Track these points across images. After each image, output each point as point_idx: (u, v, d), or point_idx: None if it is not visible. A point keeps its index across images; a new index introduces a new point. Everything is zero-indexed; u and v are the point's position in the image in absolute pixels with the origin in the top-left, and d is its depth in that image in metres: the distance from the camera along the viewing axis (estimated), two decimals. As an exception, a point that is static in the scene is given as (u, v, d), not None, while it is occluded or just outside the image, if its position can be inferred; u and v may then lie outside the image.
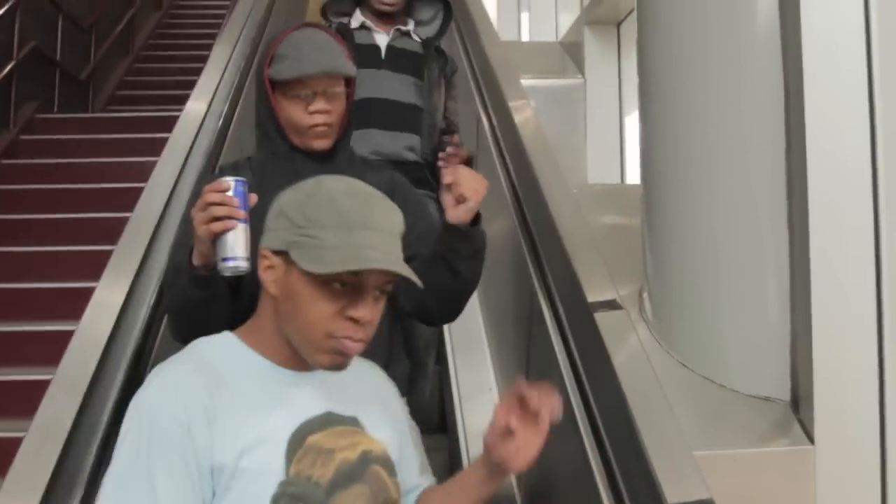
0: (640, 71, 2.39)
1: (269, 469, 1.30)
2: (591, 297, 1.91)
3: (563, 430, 1.52)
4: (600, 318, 1.83)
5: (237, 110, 3.49)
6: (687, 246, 2.17)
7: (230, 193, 1.46)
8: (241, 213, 1.46)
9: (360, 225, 1.31)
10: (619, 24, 4.88)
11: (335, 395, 1.43)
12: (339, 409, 1.42)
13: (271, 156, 1.93)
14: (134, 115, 7.28)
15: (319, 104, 1.85)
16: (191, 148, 2.87)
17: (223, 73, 3.49)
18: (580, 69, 4.93)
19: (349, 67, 1.88)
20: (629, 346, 1.76)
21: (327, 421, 1.39)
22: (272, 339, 1.41)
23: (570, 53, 5.02)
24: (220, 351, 1.41)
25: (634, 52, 2.48)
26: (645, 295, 2.36)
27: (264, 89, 1.89)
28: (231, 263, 1.44)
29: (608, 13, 4.80)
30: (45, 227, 5.17)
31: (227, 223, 1.46)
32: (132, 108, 7.91)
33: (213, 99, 3.29)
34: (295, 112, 1.86)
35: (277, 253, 1.36)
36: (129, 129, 6.49)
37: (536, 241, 2.40)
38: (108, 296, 2.05)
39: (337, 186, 1.36)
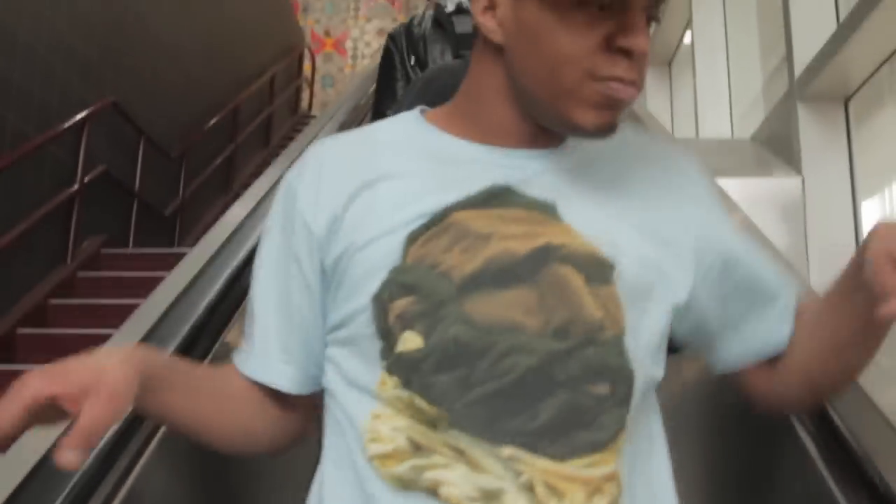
0: None
1: (387, 251, 0.92)
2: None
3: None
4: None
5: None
6: None
7: None
8: None
9: None
10: (847, 100, 3.44)
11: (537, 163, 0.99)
12: (531, 184, 0.96)
13: None
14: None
15: None
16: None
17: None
18: (790, 162, 3.49)
19: None
20: None
21: (497, 197, 0.94)
22: (490, 118, 0.99)
23: (772, 145, 3.62)
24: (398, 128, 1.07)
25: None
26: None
27: None
28: None
29: (832, 86, 3.38)
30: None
31: None
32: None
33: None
34: None
35: None
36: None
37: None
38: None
39: None
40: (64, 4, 5.70)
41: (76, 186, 5.70)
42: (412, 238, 0.94)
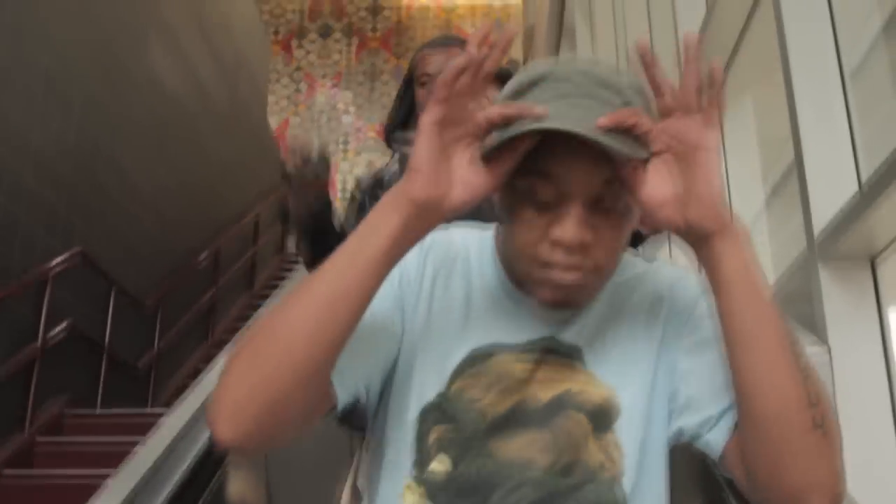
0: None
1: (438, 376, 1.08)
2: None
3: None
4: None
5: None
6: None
7: None
8: None
9: (559, 93, 0.97)
10: (873, 259, 3.10)
11: (571, 318, 1.11)
12: (565, 335, 1.10)
13: None
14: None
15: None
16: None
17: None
18: (813, 329, 3.12)
19: None
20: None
21: (538, 344, 1.10)
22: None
23: (789, 308, 3.27)
24: (480, 247, 1.17)
25: None
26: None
27: None
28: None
29: (856, 245, 3.05)
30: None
31: None
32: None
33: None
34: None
35: None
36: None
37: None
38: None
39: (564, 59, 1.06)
40: (29, 151, 5.44)
41: (38, 344, 5.31)
42: (459, 370, 1.08)
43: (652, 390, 1.10)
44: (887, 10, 3.07)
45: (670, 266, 1.20)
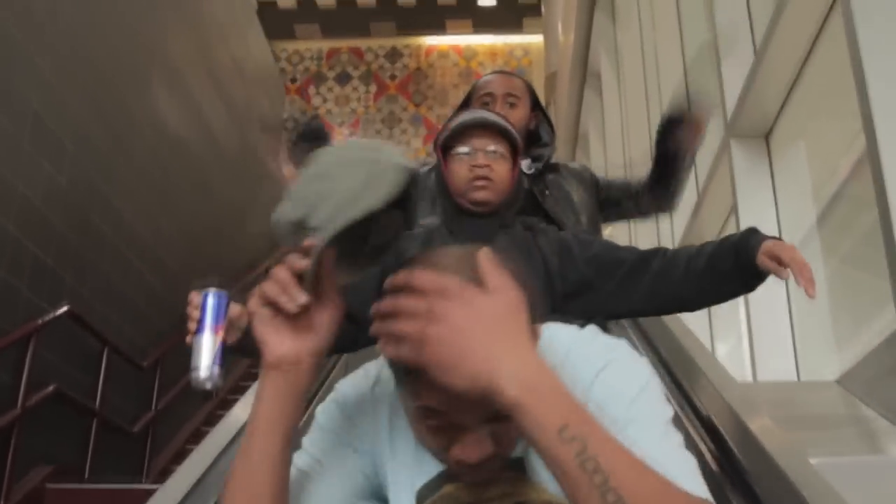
0: None
1: (406, 499, 1.19)
2: None
3: None
4: None
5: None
6: None
7: (197, 309, 1.42)
8: (204, 325, 1.38)
9: None
10: None
11: None
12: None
13: (441, 224, 2.09)
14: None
15: (479, 159, 1.99)
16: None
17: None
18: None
19: (504, 126, 2.01)
20: None
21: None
22: None
23: (873, 395, 2.71)
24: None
25: None
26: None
27: (438, 161, 2.08)
28: (192, 374, 1.38)
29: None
30: None
31: (189, 335, 1.49)
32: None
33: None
34: (458, 169, 2.01)
35: None
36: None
37: None
38: None
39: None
40: (13, 197, 4.98)
41: (18, 410, 4.81)
42: (421, 498, 1.17)
43: None
44: None
45: (597, 343, 1.20)
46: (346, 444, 1.22)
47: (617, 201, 2.80)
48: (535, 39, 16.54)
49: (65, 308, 5.25)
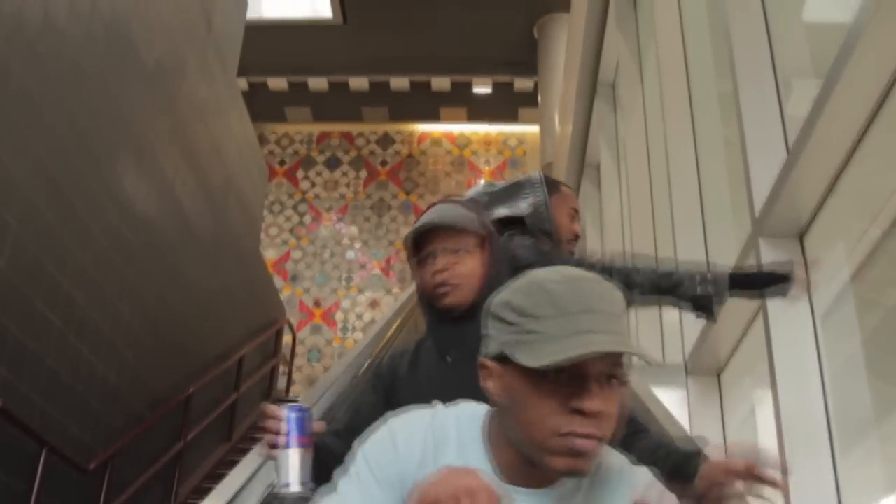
0: None
1: None
2: None
3: None
4: None
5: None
6: None
7: (283, 423, 1.56)
8: (292, 440, 1.55)
9: (579, 309, 1.20)
10: None
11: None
12: None
13: (426, 336, 2.00)
14: None
15: (438, 263, 1.89)
16: None
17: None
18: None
19: (459, 221, 1.90)
20: None
21: None
22: (503, 449, 1.28)
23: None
24: (465, 430, 1.32)
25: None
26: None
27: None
28: (283, 489, 1.50)
29: None
30: None
31: (272, 451, 1.58)
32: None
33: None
34: (423, 275, 1.91)
35: (496, 359, 1.26)
36: None
37: None
38: None
39: (548, 276, 1.26)
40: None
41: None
42: None
43: None
44: None
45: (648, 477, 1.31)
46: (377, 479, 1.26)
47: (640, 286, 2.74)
48: (531, 129, 16.26)
49: (-6, 405, 4.62)
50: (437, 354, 1.91)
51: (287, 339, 11.71)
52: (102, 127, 6.01)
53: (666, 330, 5.83)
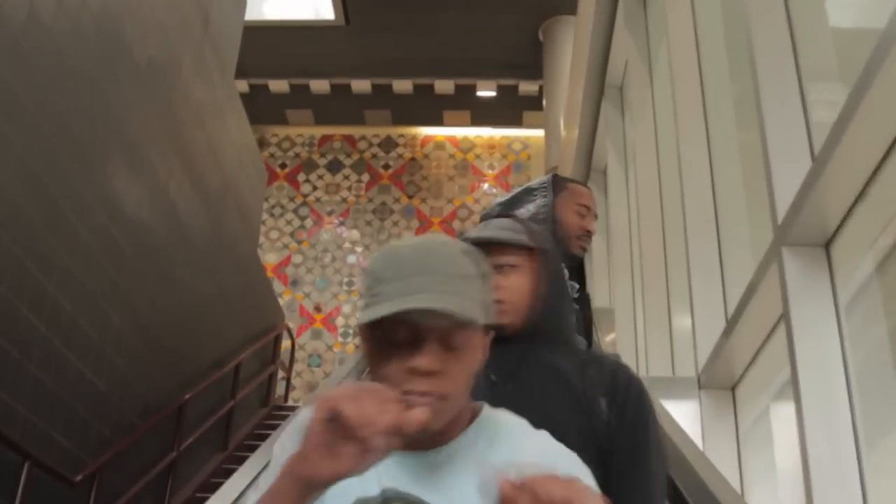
0: None
1: None
2: None
3: None
4: None
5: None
6: None
7: None
8: None
9: (416, 271, 1.25)
10: None
11: (434, 475, 1.30)
12: (427, 493, 1.29)
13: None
14: None
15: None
16: None
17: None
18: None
19: (501, 235, 1.82)
20: None
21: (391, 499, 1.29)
22: None
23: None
24: None
25: None
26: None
27: None
28: None
29: None
30: None
31: None
32: None
33: None
34: None
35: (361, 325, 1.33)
36: None
37: None
38: None
39: (404, 242, 1.33)
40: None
41: None
42: None
43: None
44: None
45: (549, 440, 1.35)
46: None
47: None
48: (536, 133, 16.04)
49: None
50: (486, 376, 1.76)
51: (286, 344, 11.50)
52: (92, 127, 5.80)
53: (677, 341, 5.61)
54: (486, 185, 16.54)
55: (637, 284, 7.21)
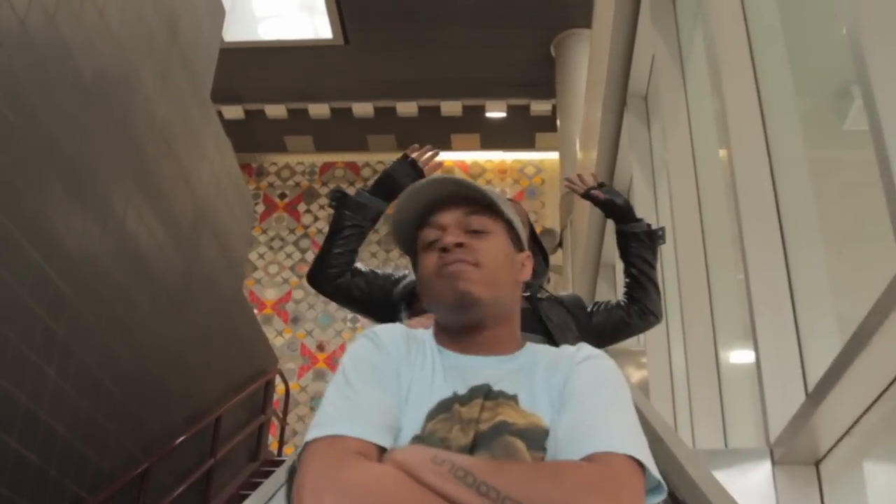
0: None
1: (414, 421, 1.44)
2: None
3: None
4: None
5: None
6: None
7: None
8: None
9: (434, 179, 1.58)
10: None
11: (502, 375, 1.52)
12: (503, 386, 1.50)
13: None
14: None
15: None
16: None
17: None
18: None
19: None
20: None
21: (478, 393, 1.48)
22: (438, 334, 1.60)
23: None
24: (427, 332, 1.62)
25: None
26: None
27: None
28: None
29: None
30: None
31: None
32: None
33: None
34: None
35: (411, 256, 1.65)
36: None
37: None
38: None
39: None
40: None
41: None
42: (430, 417, 1.44)
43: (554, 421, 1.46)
44: None
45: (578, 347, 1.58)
46: (386, 366, 1.48)
47: (612, 323, 3.01)
48: (550, 156, 15.06)
49: None
50: None
51: (280, 389, 10.50)
52: (13, 146, 4.81)
53: (729, 407, 4.58)
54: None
55: (673, 321, 6.17)
